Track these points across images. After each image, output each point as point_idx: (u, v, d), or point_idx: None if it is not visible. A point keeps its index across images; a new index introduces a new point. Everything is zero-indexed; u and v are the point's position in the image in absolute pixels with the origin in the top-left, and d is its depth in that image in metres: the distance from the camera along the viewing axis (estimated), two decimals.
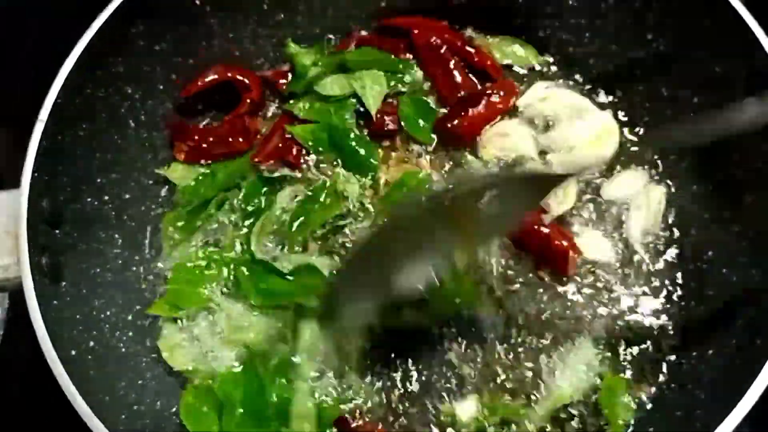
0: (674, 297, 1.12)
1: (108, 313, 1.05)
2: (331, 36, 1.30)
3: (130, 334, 1.07)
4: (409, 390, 1.07)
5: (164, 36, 1.15)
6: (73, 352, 0.93)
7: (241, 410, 1.02)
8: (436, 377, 1.07)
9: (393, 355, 1.08)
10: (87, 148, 1.07)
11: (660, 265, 1.14)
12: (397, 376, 1.07)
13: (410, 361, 1.08)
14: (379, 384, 1.07)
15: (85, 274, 1.04)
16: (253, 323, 1.08)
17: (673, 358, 1.07)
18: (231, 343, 1.07)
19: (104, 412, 0.87)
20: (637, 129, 1.22)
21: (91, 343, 0.99)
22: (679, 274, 1.13)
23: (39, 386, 1.19)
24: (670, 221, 1.16)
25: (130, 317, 1.09)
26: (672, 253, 1.14)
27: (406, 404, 1.06)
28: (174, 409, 1.05)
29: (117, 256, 1.12)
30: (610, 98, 1.24)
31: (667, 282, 1.13)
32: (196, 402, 1.04)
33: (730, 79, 1.05)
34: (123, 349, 1.04)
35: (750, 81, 1.01)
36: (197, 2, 1.17)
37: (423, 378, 1.07)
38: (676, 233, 1.15)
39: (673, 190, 1.18)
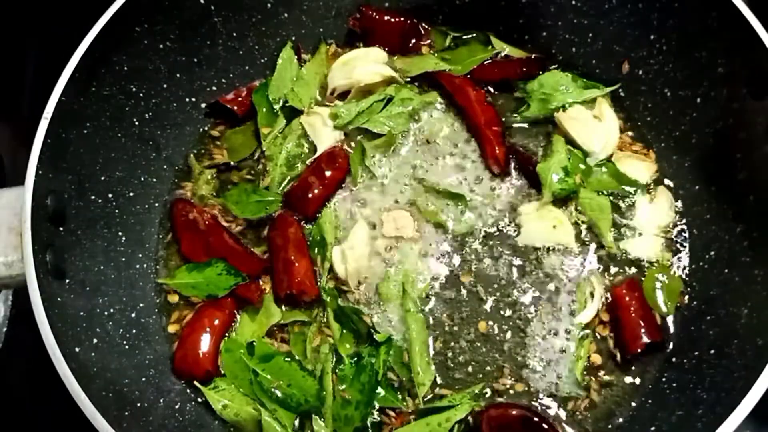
0: None
1: (112, 310, 1.05)
2: (334, 35, 1.31)
3: (134, 331, 1.08)
4: None
5: (168, 35, 1.15)
6: (77, 349, 0.93)
7: None
8: None
9: None
10: (91, 146, 1.07)
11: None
12: None
13: None
14: None
15: (88, 271, 1.04)
16: None
17: (674, 358, 1.07)
18: None
19: (107, 408, 0.87)
20: (639, 129, 1.23)
21: (95, 341, 0.99)
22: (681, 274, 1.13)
23: (43, 383, 1.21)
24: (672, 221, 1.17)
25: (133, 314, 1.09)
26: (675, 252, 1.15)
27: None
28: (177, 407, 1.05)
29: (121, 253, 1.12)
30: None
31: None
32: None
33: (733, 79, 1.05)
34: (126, 347, 1.05)
35: (753, 81, 1.01)
36: (201, 1, 1.17)
37: None
38: (679, 233, 1.16)
39: (675, 189, 1.18)
